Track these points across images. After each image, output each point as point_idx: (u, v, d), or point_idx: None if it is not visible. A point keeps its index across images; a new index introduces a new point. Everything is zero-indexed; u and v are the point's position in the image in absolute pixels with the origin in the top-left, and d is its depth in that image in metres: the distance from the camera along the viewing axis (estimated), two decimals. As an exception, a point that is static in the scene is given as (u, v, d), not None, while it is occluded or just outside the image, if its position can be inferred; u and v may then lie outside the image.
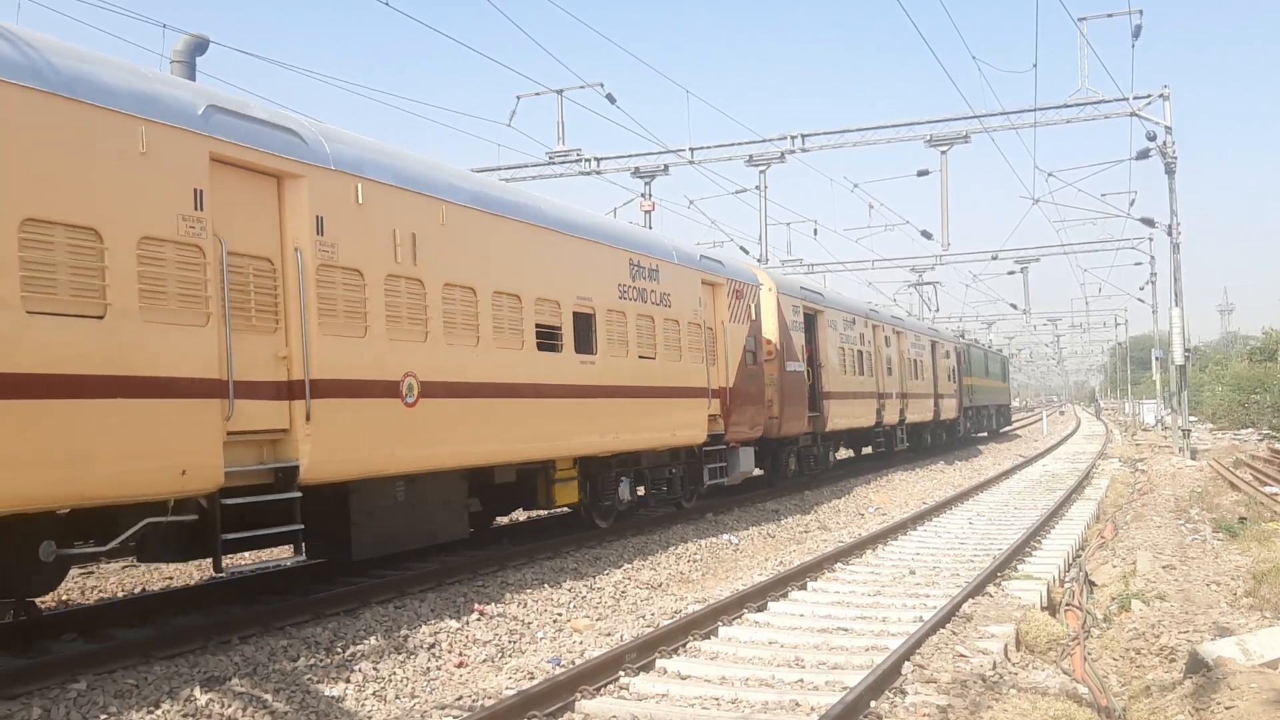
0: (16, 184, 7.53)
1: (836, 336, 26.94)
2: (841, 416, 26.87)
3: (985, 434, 53.17)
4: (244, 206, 9.52)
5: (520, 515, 18.42)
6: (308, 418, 9.80)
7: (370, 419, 10.63)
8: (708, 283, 18.90)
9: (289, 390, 9.78)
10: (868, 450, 33.38)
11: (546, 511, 17.55)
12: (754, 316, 20.84)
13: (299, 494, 9.73)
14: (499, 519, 16.81)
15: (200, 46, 14.85)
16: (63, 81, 7.97)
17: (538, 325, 13.63)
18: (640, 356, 16.25)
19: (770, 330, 21.90)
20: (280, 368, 9.73)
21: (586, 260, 15.10)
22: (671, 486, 18.20)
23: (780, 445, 23.25)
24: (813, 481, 25.06)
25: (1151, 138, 29.65)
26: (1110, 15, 28.21)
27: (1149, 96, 28.74)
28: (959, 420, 44.27)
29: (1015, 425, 70.86)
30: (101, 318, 8.02)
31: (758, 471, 21.83)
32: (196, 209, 8.83)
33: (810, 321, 25.09)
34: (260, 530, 9.48)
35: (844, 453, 32.41)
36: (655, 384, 16.62)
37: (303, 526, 9.70)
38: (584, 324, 14.85)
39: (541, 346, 13.71)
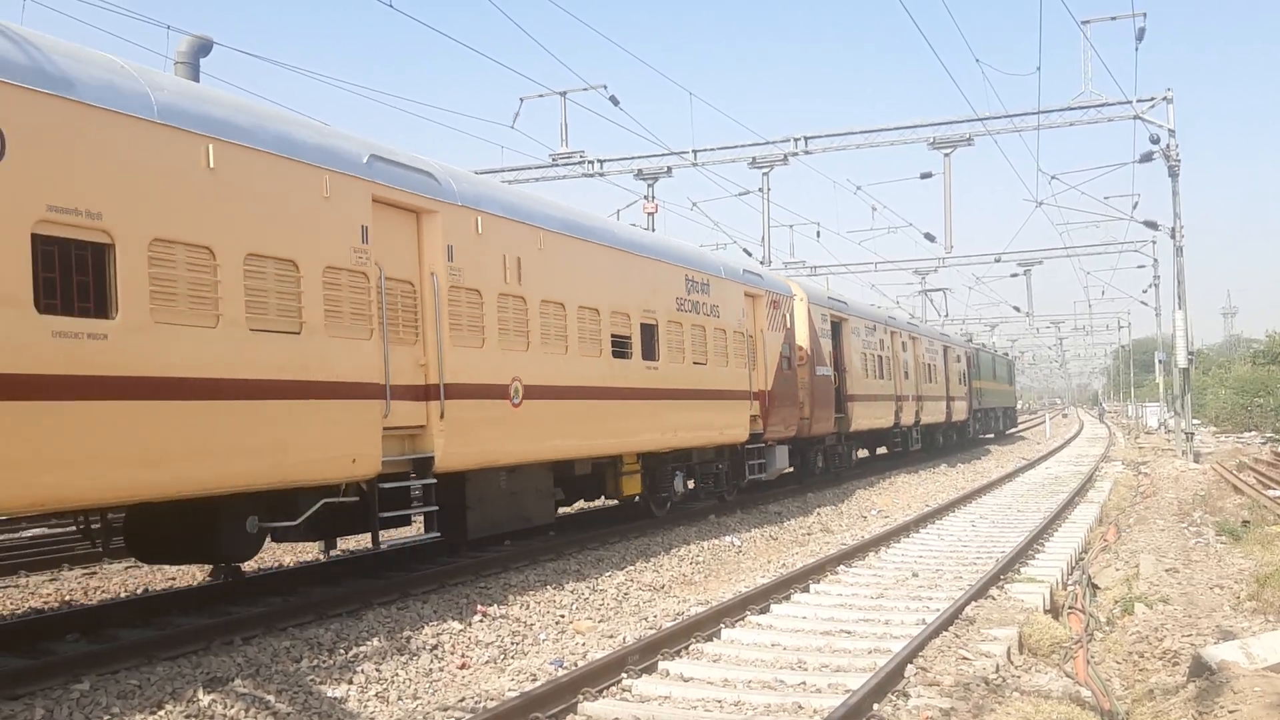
0: (243, 227, 9.25)
1: (859, 342, 28.79)
2: (864, 418, 28.68)
3: (992, 435, 54.75)
4: (394, 238, 11.30)
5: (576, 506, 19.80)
6: (441, 415, 11.64)
7: (487, 417, 12.52)
8: (749, 294, 20.64)
9: (426, 393, 11.57)
10: (882, 450, 35.05)
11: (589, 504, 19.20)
12: (788, 325, 22.59)
13: (434, 480, 11.62)
14: (563, 509, 18.19)
15: (204, 47, 14.89)
16: (274, 141, 9.73)
17: (612, 335, 15.56)
18: (694, 363, 18.01)
19: (803, 337, 23.58)
20: (419, 374, 11.54)
21: (651, 276, 17.01)
22: (717, 481, 19.91)
23: (809, 444, 25.02)
24: (837, 478, 26.89)
25: (1155, 141, 29.64)
26: (1114, 18, 28.29)
27: (1152, 99, 28.73)
28: (969, 422, 46.29)
29: (1020, 428, 72.82)
30: (298, 334, 9.74)
31: (789, 468, 23.75)
32: (363, 242, 10.65)
33: (836, 328, 26.80)
34: (405, 510, 11.44)
35: (860, 452, 33.62)
36: (706, 387, 18.39)
37: (438, 508, 11.63)
38: (649, 333, 16.78)
39: (615, 354, 15.64)
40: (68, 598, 12.56)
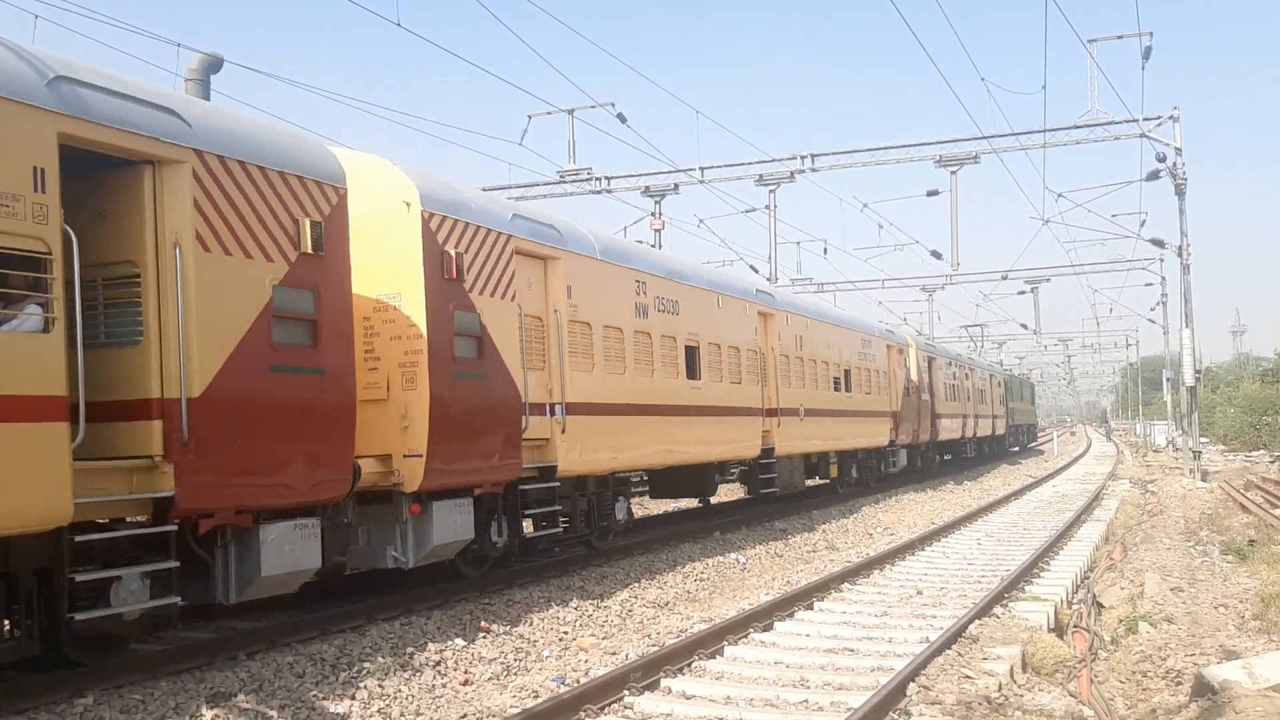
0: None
1: (942, 375, 39.63)
2: (946, 431, 39.69)
3: (1017, 447, 65.31)
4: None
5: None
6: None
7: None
8: (888, 345, 31.98)
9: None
10: (947, 457, 43.89)
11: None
12: (906, 365, 33.67)
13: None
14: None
15: (214, 65, 14.99)
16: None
17: (834, 377, 26.12)
18: (865, 393, 28.59)
19: (914, 373, 34.34)
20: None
21: (849, 340, 27.91)
22: (870, 470, 29.87)
23: (915, 449, 35.56)
24: (928, 474, 36.57)
25: (1161, 159, 29.64)
26: (1120, 37, 28.35)
27: (1159, 118, 28.76)
28: (1006, 435, 58.41)
29: (1038, 441, 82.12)
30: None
31: (904, 464, 33.66)
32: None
33: (929, 364, 37.31)
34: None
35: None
36: (868, 409, 28.90)
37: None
38: (849, 375, 27.36)
39: (835, 389, 26.12)
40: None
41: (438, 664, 9.82)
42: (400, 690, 9.01)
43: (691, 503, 24.35)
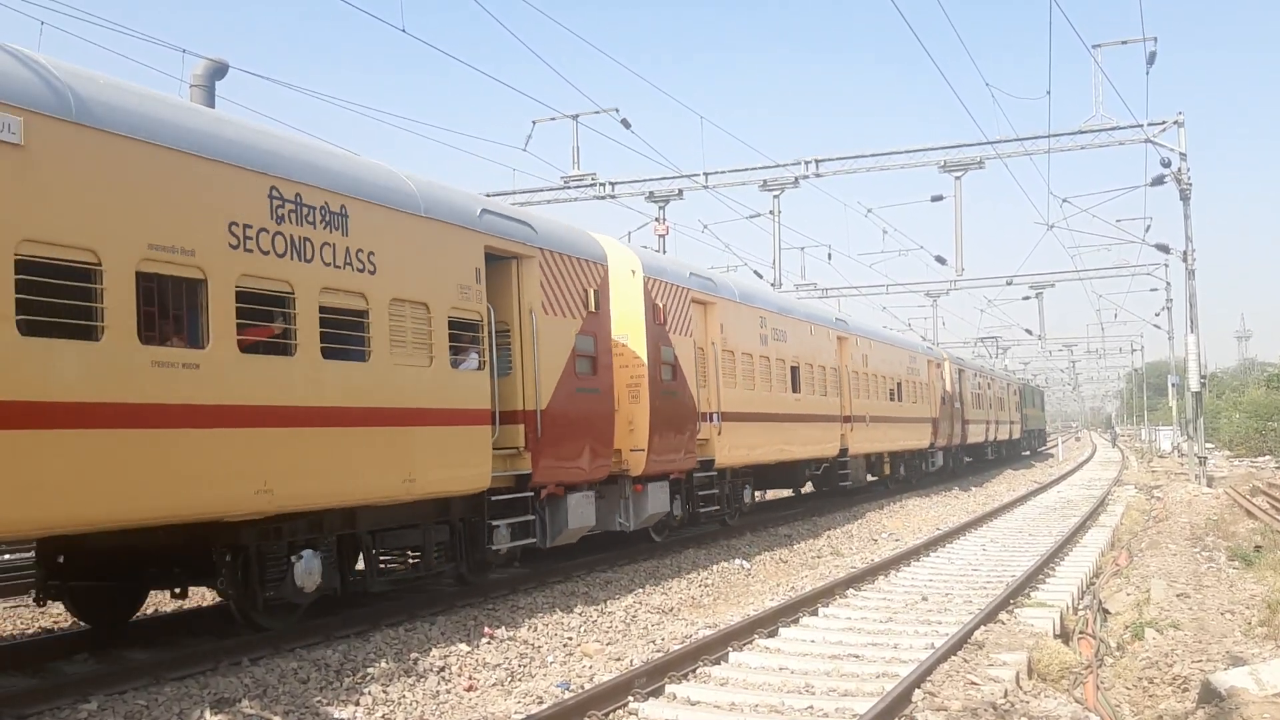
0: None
1: (969, 385, 44.53)
2: (973, 435, 44.45)
3: (1029, 451, 69.68)
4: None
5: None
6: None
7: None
8: (929, 361, 37.30)
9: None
10: (969, 459, 47.57)
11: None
12: (942, 377, 38.76)
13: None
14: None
15: (219, 71, 15.01)
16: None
17: (890, 389, 31.37)
18: (911, 402, 33.54)
19: (949, 384, 39.38)
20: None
21: (901, 356, 33.43)
22: (910, 470, 34.44)
23: (949, 451, 40.09)
24: (955, 474, 41.10)
25: (1166, 164, 29.61)
26: (1124, 42, 28.29)
27: (1163, 123, 28.73)
28: (1021, 439, 63.90)
29: (1046, 446, 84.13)
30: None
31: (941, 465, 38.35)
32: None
33: (960, 375, 42.37)
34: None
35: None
36: (912, 416, 33.75)
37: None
38: (901, 388, 32.48)
39: (890, 399, 31.15)
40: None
41: (442, 670, 9.80)
42: (404, 696, 8.99)
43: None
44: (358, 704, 8.69)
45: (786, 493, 30.00)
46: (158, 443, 8.52)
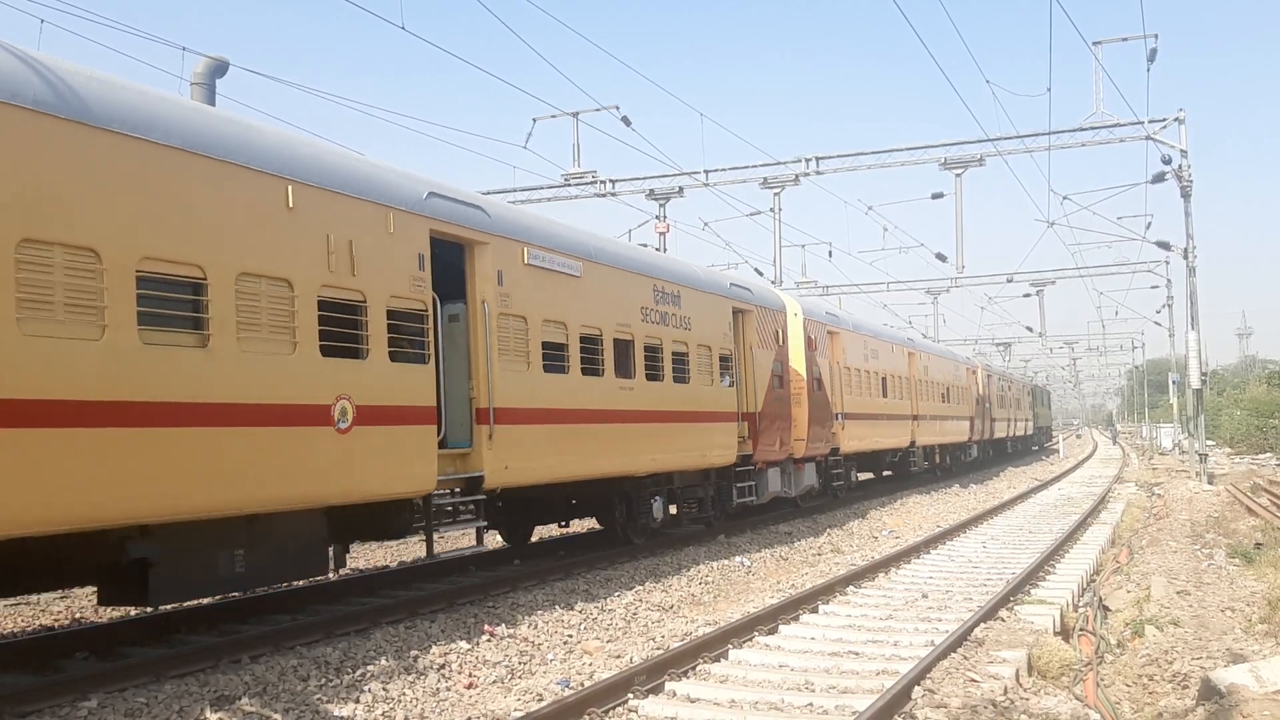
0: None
1: (995, 387, 52.27)
2: (998, 431, 52.31)
3: (1037, 447, 75.05)
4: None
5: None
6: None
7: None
8: (968, 368, 44.71)
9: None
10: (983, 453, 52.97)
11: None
12: (976, 381, 46.00)
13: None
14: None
15: (219, 69, 14.99)
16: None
17: (941, 393, 37.69)
18: (958, 403, 41.14)
19: (980, 388, 46.77)
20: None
21: (944, 365, 39.72)
22: (954, 461, 41.20)
23: (983, 444, 48.15)
24: (984, 464, 47.96)
25: (1167, 161, 29.58)
26: (1125, 39, 28.27)
27: (1164, 120, 28.71)
28: (1033, 435, 71.38)
29: (1050, 442, 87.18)
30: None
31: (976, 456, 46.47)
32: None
33: (989, 380, 49.76)
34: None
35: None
36: (957, 415, 40.66)
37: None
38: (952, 393, 39.93)
39: (942, 400, 38.58)
40: (78, 615, 12.60)
41: (442, 667, 9.81)
42: (404, 693, 8.99)
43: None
44: (358, 701, 8.70)
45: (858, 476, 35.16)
46: (599, 434, 14.87)
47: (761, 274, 36.11)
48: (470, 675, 9.69)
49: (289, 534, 10.18)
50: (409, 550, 18.45)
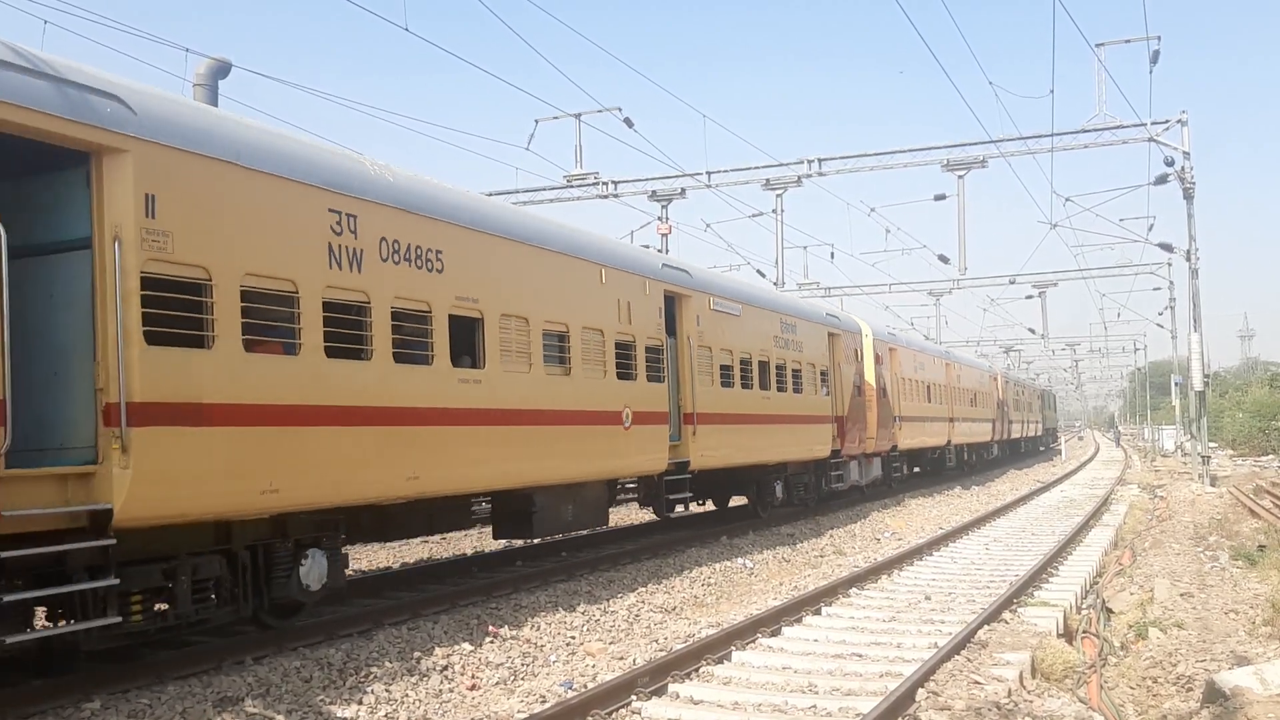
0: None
1: (1011, 395, 57.70)
2: (1014, 432, 57.86)
3: (1044, 448, 78.86)
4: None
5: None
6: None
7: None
8: (990, 376, 50.19)
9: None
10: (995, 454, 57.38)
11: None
12: (998, 386, 51.56)
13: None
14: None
15: (222, 70, 14.99)
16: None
17: (972, 400, 45.13)
18: (983, 408, 47.13)
19: (1000, 393, 51.87)
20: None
21: (975, 374, 46.62)
22: (979, 458, 46.90)
23: (1003, 444, 54.29)
24: (1006, 460, 55.47)
25: (1170, 163, 29.56)
26: (1128, 41, 28.28)
27: (1167, 122, 28.68)
28: (1041, 436, 77.26)
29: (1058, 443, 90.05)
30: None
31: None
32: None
33: (1006, 385, 54.80)
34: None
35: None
36: (982, 417, 46.62)
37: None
38: (968, 395, 43.72)
39: (974, 404, 46.08)
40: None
41: (445, 669, 9.80)
42: (407, 695, 8.99)
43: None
44: (360, 703, 8.69)
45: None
46: (752, 432, 20.02)
47: (764, 275, 36.19)
48: (473, 677, 9.69)
49: (592, 496, 15.35)
50: (411, 551, 18.47)
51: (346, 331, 10.18)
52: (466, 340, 12.06)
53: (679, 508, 17.73)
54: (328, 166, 10.36)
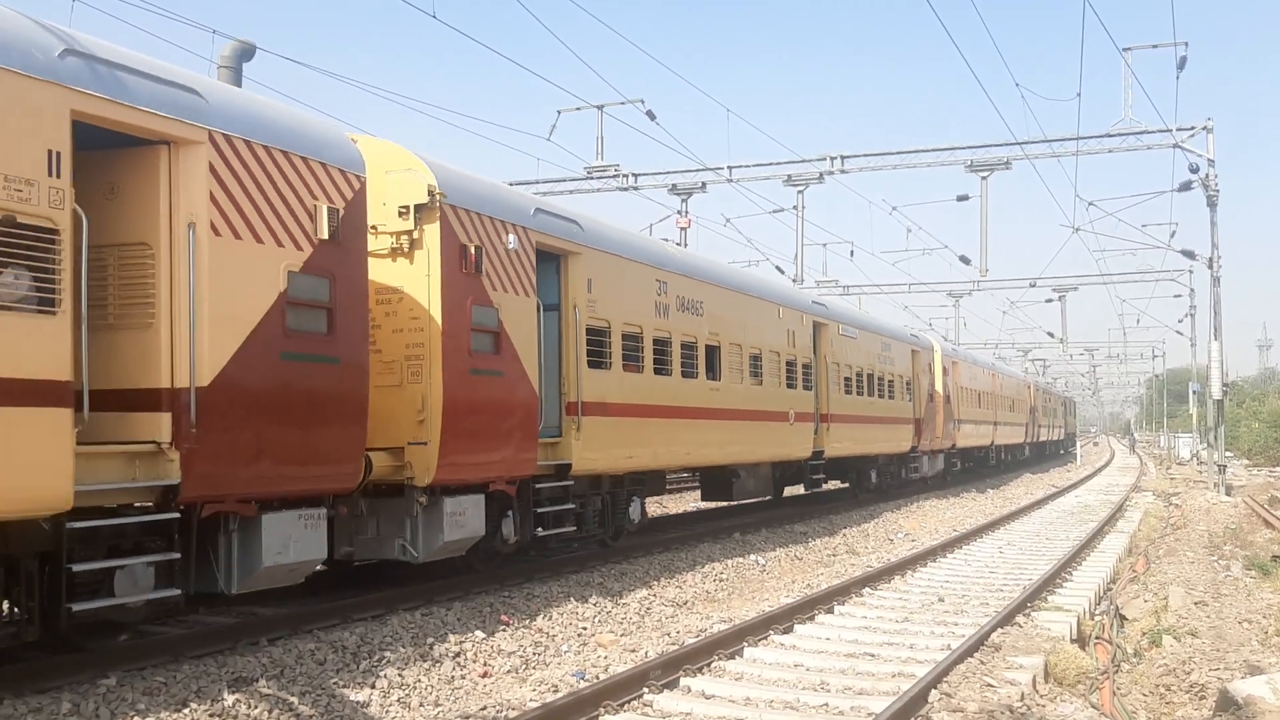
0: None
1: (1041, 401, 63.17)
2: (1042, 435, 63.56)
3: (1064, 450, 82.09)
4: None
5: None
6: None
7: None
8: (1025, 384, 56.71)
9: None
10: (1025, 455, 61.23)
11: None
12: (1032, 394, 58.31)
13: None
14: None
15: (247, 53, 15.03)
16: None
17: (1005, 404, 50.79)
18: (1020, 412, 53.70)
19: (1032, 399, 57.40)
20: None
21: (1012, 383, 52.68)
22: (1012, 457, 52.77)
23: (1035, 446, 61.25)
24: (1030, 462, 59.08)
25: (1194, 170, 29.38)
26: (1155, 46, 28.09)
27: (1192, 128, 28.49)
28: (1063, 439, 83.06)
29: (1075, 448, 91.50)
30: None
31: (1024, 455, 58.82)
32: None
33: (1036, 393, 60.01)
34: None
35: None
36: (1017, 421, 52.59)
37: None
38: (1007, 402, 50.15)
39: (1012, 408, 52.70)
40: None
41: (457, 655, 9.84)
42: (420, 680, 9.03)
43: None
44: (374, 687, 8.73)
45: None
46: (864, 428, 25.98)
47: (783, 271, 36.10)
48: (485, 664, 9.73)
49: (765, 473, 21.50)
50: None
51: (660, 358, 15.97)
52: (712, 361, 17.70)
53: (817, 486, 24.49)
54: (654, 251, 16.69)
